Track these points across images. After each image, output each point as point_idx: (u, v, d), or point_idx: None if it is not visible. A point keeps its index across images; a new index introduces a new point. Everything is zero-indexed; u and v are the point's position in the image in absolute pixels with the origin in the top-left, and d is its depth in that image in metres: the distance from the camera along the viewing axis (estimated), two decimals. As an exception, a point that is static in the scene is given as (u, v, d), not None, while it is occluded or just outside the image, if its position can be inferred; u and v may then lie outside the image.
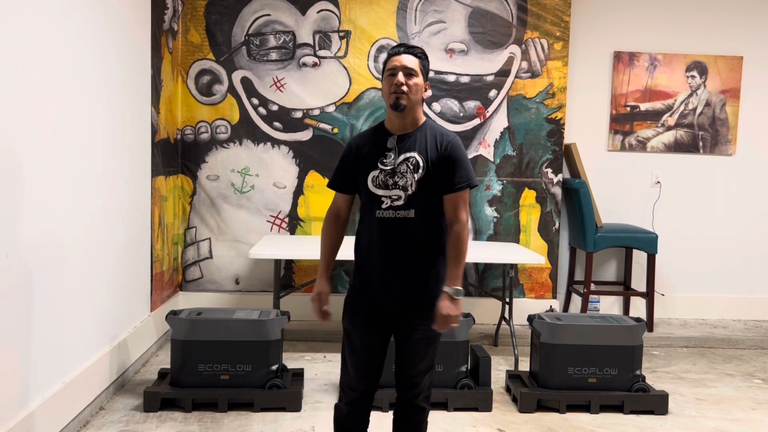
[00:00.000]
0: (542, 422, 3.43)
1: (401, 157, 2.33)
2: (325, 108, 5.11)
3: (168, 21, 4.68)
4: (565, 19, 5.18)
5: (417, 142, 2.35)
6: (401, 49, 2.35)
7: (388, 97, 2.32)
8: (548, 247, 5.30)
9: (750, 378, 4.25)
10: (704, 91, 5.52)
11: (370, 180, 2.34)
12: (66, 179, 3.02)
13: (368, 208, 2.36)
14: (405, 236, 2.31)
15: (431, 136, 2.36)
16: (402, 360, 2.40)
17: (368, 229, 2.36)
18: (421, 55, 2.36)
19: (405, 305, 2.34)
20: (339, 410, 2.44)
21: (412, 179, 2.31)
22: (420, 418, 2.43)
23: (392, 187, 2.31)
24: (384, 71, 2.38)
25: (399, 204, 2.31)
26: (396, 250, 2.32)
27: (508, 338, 4.68)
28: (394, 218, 2.31)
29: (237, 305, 5.05)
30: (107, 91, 3.51)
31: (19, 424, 2.58)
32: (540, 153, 5.24)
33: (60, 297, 2.98)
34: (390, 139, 2.36)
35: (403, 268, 2.32)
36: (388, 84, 2.33)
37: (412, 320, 2.34)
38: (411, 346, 2.36)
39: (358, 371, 2.38)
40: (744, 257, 5.66)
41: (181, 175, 5.07)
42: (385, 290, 2.34)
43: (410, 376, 2.38)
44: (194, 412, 3.39)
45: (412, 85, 2.30)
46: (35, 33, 2.71)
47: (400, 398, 2.44)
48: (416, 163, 2.32)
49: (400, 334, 2.38)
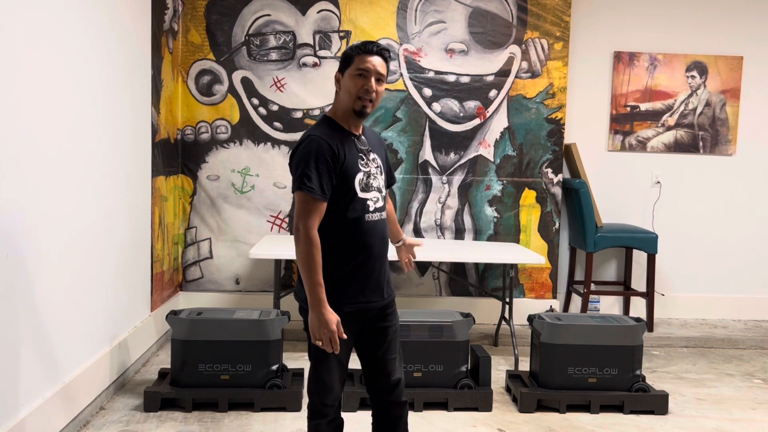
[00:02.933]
0: (542, 422, 3.43)
1: (370, 157, 2.32)
2: (325, 108, 5.11)
3: (168, 21, 4.68)
4: (565, 19, 5.18)
5: (372, 143, 2.37)
6: (374, 49, 2.22)
7: (354, 101, 2.20)
8: (548, 247, 5.30)
9: (750, 378, 4.25)
10: (704, 91, 5.52)
11: (357, 183, 2.23)
12: (66, 179, 3.02)
13: (354, 213, 2.23)
14: (385, 236, 2.36)
15: (375, 137, 2.43)
16: (379, 365, 2.36)
17: (357, 234, 2.24)
18: (389, 58, 2.30)
19: (384, 303, 2.36)
20: (319, 427, 2.32)
21: (382, 180, 2.36)
22: (406, 411, 2.45)
23: (371, 189, 2.29)
24: (349, 65, 2.21)
25: (380, 205, 2.32)
26: (382, 252, 2.34)
27: (508, 338, 4.69)
28: (380, 220, 2.32)
29: (237, 305, 5.05)
30: (107, 91, 3.52)
31: (19, 423, 2.58)
32: (540, 153, 5.24)
33: (60, 297, 2.98)
34: (357, 141, 2.29)
35: (385, 267, 2.36)
36: (356, 85, 2.19)
37: (386, 318, 2.37)
38: (387, 347, 2.36)
39: (340, 382, 2.34)
40: (744, 257, 5.66)
41: (182, 175, 5.07)
42: (376, 293, 2.32)
43: (391, 378, 2.38)
44: (194, 412, 3.39)
45: (380, 92, 2.25)
46: (35, 33, 2.71)
47: (381, 402, 2.40)
48: (379, 164, 2.36)
49: (374, 337, 2.35)
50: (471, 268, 5.29)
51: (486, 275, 5.29)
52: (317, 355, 2.29)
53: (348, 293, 2.27)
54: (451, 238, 5.23)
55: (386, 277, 2.37)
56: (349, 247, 2.25)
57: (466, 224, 5.24)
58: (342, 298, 2.25)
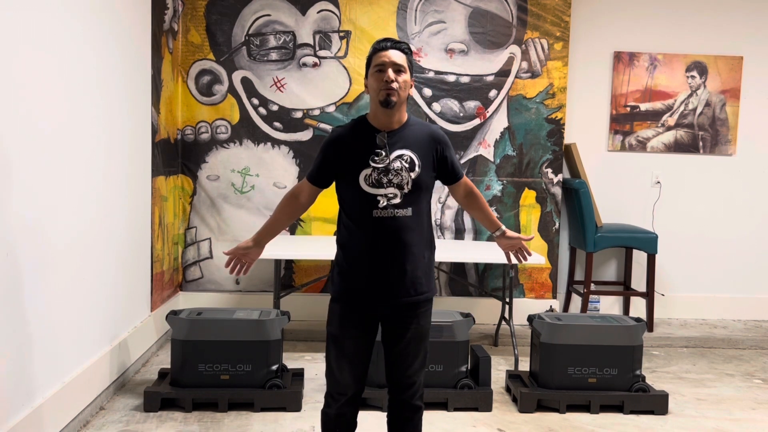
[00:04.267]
0: (542, 422, 3.43)
1: (393, 154, 2.29)
2: (325, 108, 5.11)
3: (168, 21, 4.68)
4: (565, 20, 5.18)
5: (408, 139, 2.33)
6: (388, 44, 2.30)
7: (377, 94, 2.27)
8: (548, 247, 5.30)
9: (750, 378, 4.25)
10: (704, 91, 5.52)
11: (362, 179, 2.27)
12: (66, 179, 3.02)
13: (360, 208, 2.29)
14: (402, 234, 2.29)
15: (421, 133, 2.36)
16: (395, 362, 2.37)
17: (362, 230, 2.29)
18: (408, 51, 2.33)
19: (401, 303, 2.32)
20: (327, 416, 2.40)
21: (408, 177, 2.29)
22: (418, 417, 2.43)
23: (387, 185, 2.27)
24: (370, 67, 2.32)
25: (396, 202, 2.28)
26: (394, 249, 2.29)
27: (508, 338, 4.69)
28: (393, 217, 2.28)
29: (237, 305, 5.05)
30: (108, 91, 3.52)
31: (19, 423, 2.58)
32: (540, 153, 5.24)
33: (60, 297, 2.98)
34: (379, 136, 2.30)
35: (401, 266, 2.30)
36: (377, 80, 2.27)
37: (405, 319, 2.33)
38: (404, 347, 2.35)
39: (350, 375, 2.35)
40: (744, 257, 5.66)
41: (182, 175, 5.07)
42: (382, 290, 2.30)
43: (405, 376, 2.38)
44: (194, 412, 3.39)
45: (402, 82, 2.27)
46: (36, 32, 2.71)
47: (395, 400, 2.42)
48: (411, 160, 2.30)
49: (392, 335, 2.36)
50: (471, 268, 5.29)
51: (486, 275, 5.29)
52: (327, 340, 2.40)
53: (343, 286, 2.34)
54: (451, 238, 5.23)
55: (408, 277, 2.31)
56: (353, 240, 2.32)
57: (466, 224, 5.24)
58: (339, 286, 2.35)
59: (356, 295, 2.32)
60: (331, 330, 2.36)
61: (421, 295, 2.35)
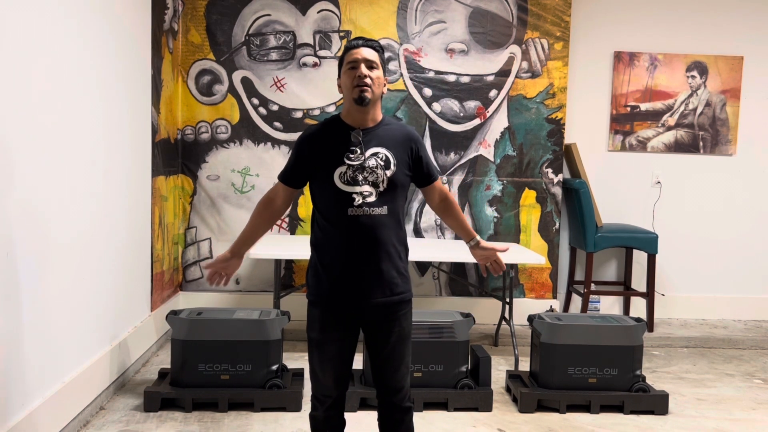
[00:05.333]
0: (542, 422, 3.43)
1: (368, 152, 2.28)
2: (325, 108, 5.11)
3: (168, 21, 4.68)
4: (565, 19, 5.18)
5: (383, 137, 2.32)
6: (359, 42, 2.30)
7: (351, 91, 2.26)
8: (548, 247, 5.30)
9: (750, 378, 4.25)
10: (704, 91, 5.52)
11: (337, 176, 2.24)
12: (66, 179, 3.02)
13: (335, 207, 2.26)
14: (378, 233, 2.26)
15: (396, 132, 2.36)
16: (383, 366, 2.36)
17: (337, 228, 2.26)
18: (380, 49, 2.33)
19: (378, 304, 2.29)
20: (316, 419, 2.40)
21: (384, 175, 2.27)
22: (408, 418, 2.42)
23: (362, 183, 2.24)
24: (342, 65, 2.31)
25: (371, 201, 2.25)
26: (369, 248, 2.26)
27: (508, 338, 4.69)
28: (368, 215, 2.25)
29: (237, 305, 5.05)
30: (108, 91, 3.52)
31: (19, 423, 2.58)
32: (540, 153, 5.24)
33: (60, 296, 2.98)
34: (353, 133, 2.29)
35: (376, 265, 2.28)
36: (350, 77, 2.27)
37: (387, 323, 2.32)
38: (390, 352, 2.33)
39: (333, 378, 2.35)
40: (744, 257, 5.66)
41: (182, 175, 5.07)
42: (359, 291, 2.28)
43: (394, 380, 2.36)
44: (194, 412, 3.39)
45: (375, 78, 2.27)
46: (36, 33, 2.71)
47: (384, 402, 2.41)
48: (386, 159, 2.29)
49: (377, 340, 2.34)
50: (471, 268, 5.29)
51: (486, 275, 5.28)
52: (309, 345, 2.37)
53: (319, 289, 2.31)
54: (451, 238, 5.23)
55: (384, 277, 2.29)
56: (327, 239, 2.30)
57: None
58: (316, 288, 2.32)
59: (334, 296, 2.29)
60: (312, 335, 2.34)
61: (396, 296, 2.32)
